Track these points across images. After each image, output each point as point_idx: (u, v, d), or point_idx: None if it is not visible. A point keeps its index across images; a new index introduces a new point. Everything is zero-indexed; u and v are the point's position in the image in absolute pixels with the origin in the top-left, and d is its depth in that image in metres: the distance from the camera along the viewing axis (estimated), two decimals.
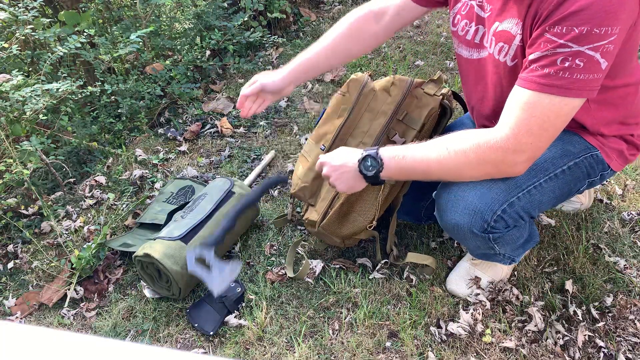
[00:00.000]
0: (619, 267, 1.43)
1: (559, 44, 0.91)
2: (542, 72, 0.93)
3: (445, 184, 1.16)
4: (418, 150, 1.06)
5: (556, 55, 0.91)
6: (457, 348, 1.26)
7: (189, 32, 2.67)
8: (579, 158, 1.14)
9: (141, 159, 2.08)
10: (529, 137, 0.96)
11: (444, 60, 2.67)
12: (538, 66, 0.94)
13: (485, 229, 1.11)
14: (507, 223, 1.12)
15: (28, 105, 1.68)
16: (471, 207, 1.09)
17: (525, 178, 1.09)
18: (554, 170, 1.12)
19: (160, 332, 1.38)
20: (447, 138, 1.04)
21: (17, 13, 1.89)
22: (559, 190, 1.15)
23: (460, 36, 1.20)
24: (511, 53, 1.05)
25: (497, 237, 1.16)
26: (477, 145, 1.00)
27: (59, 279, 1.56)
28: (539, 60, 0.94)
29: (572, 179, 1.16)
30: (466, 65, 1.22)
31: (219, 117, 2.33)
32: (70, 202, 1.90)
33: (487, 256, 1.31)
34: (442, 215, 1.17)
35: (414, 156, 1.06)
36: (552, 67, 0.92)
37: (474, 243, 1.19)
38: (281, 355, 1.28)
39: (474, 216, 1.10)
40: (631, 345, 1.25)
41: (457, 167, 1.03)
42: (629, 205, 1.65)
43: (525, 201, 1.11)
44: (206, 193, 1.59)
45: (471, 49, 1.18)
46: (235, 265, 1.31)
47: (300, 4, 3.35)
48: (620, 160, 1.20)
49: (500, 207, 1.09)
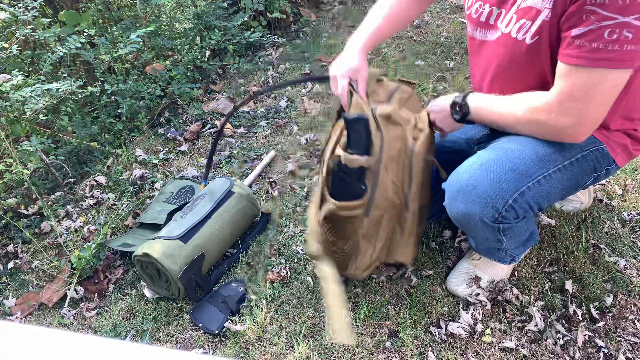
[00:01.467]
0: (619, 267, 1.43)
1: (603, 16, 0.90)
2: (590, 46, 0.93)
3: (456, 172, 1.17)
4: (492, 103, 1.15)
5: (602, 28, 0.91)
6: (457, 348, 1.26)
7: (189, 32, 2.67)
8: (586, 151, 1.15)
9: (141, 159, 2.08)
10: (572, 101, 1.00)
11: (444, 60, 2.67)
12: (585, 41, 0.94)
13: (497, 218, 1.12)
14: (517, 213, 1.12)
15: (28, 105, 1.68)
16: (483, 195, 1.10)
17: (534, 168, 1.10)
18: (562, 162, 1.13)
19: (160, 332, 1.38)
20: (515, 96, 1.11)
21: (17, 13, 1.89)
22: (567, 181, 1.16)
23: (474, 19, 1.21)
24: (532, 30, 1.05)
25: (507, 228, 1.16)
26: (527, 106, 1.07)
27: (59, 279, 1.56)
28: (586, 35, 0.94)
29: (580, 172, 1.17)
30: (479, 47, 1.23)
31: (219, 117, 2.33)
32: (70, 202, 1.90)
33: (490, 252, 1.31)
34: (453, 203, 1.17)
35: (486, 107, 1.15)
36: (601, 41, 0.92)
37: (483, 234, 1.19)
38: (281, 355, 1.28)
39: (486, 205, 1.10)
40: (631, 345, 1.25)
41: (513, 123, 1.12)
42: (629, 205, 1.65)
43: (535, 191, 1.11)
44: (206, 193, 1.59)
45: (485, 30, 1.19)
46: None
47: (300, 4, 3.35)
48: (624, 155, 1.20)
49: (511, 196, 1.09)
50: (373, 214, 1.27)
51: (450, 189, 1.17)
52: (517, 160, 1.10)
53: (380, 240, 1.30)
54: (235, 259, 1.57)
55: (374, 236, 1.29)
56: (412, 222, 1.31)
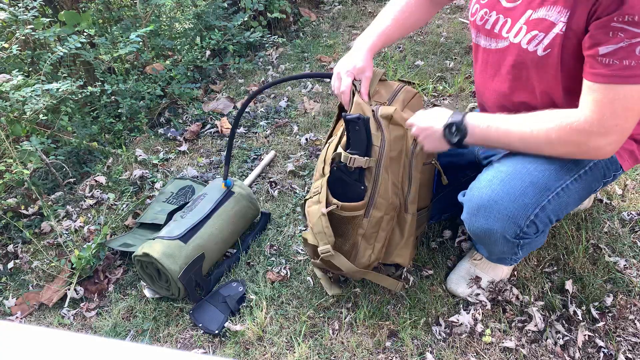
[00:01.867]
0: (619, 267, 1.43)
1: (633, 33, 0.90)
2: (621, 64, 0.92)
3: (475, 187, 1.14)
4: (503, 123, 1.07)
5: (633, 45, 0.91)
6: (457, 348, 1.26)
7: (189, 32, 2.67)
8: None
9: (141, 159, 2.08)
10: (615, 119, 0.97)
11: (444, 60, 2.67)
12: (615, 59, 0.93)
13: (518, 234, 1.11)
14: (537, 228, 1.12)
15: (28, 105, 1.68)
16: (505, 212, 1.08)
17: (553, 180, 1.09)
18: (577, 171, 1.12)
19: (160, 332, 1.38)
20: (532, 115, 1.06)
21: (17, 13, 1.89)
22: (582, 191, 1.15)
23: (478, 25, 1.20)
24: (545, 42, 1.04)
25: (526, 244, 1.16)
26: (560, 126, 1.00)
27: (59, 279, 1.56)
28: (616, 53, 0.93)
29: (593, 180, 1.16)
30: (484, 55, 1.22)
31: (219, 117, 2.33)
32: (70, 202, 1.90)
33: (501, 260, 1.31)
34: (473, 219, 1.15)
35: (498, 128, 1.08)
36: (633, 59, 0.91)
37: (501, 249, 1.18)
38: (281, 355, 1.28)
39: (508, 221, 1.08)
40: (631, 345, 1.25)
41: (538, 144, 1.05)
42: (629, 205, 1.65)
43: (555, 204, 1.10)
44: (206, 193, 1.59)
45: (490, 38, 1.18)
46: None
47: (300, 4, 3.35)
48: (631, 161, 1.20)
49: (533, 211, 1.08)
50: (373, 214, 1.26)
51: (470, 204, 1.15)
52: (537, 173, 1.08)
53: (379, 241, 1.30)
54: (235, 259, 1.57)
55: (373, 237, 1.29)
56: (411, 224, 1.31)
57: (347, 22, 3.23)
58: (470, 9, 1.24)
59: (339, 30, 3.14)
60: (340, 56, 2.78)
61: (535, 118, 1.05)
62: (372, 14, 3.32)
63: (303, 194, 1.82)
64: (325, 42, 2.98)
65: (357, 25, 3.19)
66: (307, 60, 2.79)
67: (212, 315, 1.38)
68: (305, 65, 2.74)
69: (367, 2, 3.51)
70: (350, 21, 3.24)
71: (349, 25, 3.19)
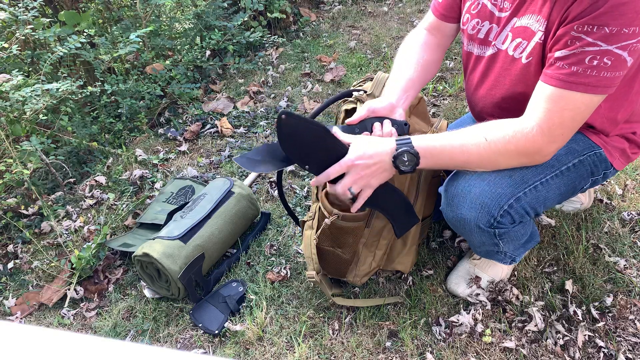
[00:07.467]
0: (619, 267, 1.43)
1: (587, 42, 0.92)
2: (569, 70, 0.95)
3: (452, 178, 1.16)
4: (455, 140, 1.04)
5: (585, 53, 0.93)
6: (457, 348, 1.26)
7: (189, 32, 2.67)
8: (583, 156, 1.15)
9: (141, 159, 2.08)
10: (562, 128, 0.99)
11: (444, 60, 2.67)
12: (566, 64, 0.95)
13: (492, 223, 1.12)
14: (513, 218, 1.13)
15: (28, 105, 1.68)
16: (478, 201, 1.10)
17: (532, 174, 1.10)
18: (559, 167, 1.13)
19: (160, 332, 1.38)
20: (483, 127, 1.04)
21: (17, 13, 1.89)
22: (564, 187, 1.16)
23: (470, 35, 1.21)
24: (527, 50, 1.06)
25: (503, 233, 1.16)
26: (514, 136, 1.00)
27: (59, 279, 1.56)
28: (567, 58, 0.95)
29: (577, 177, 1.17)
30: (475, 62, 1.23)
31: (219, 117, 2.33)
32: (70, 202, 1.90)
33: (489, 254, 1.31)
34: (448, 209, 1.17)
35: (452, 146, 1.04)
36: (581, 65, 0.94)
37: (479, 239, 1.19)
38: (281, 355, 1.28)
39: (481, 210, 1.10)
40: (631, 345, 1.25)
41: (495, 156, 1.03)
42: (629, 205, 1.65)
43: (532, 197, 1.11)
44: (206, 193, 1.59)
45: (484, 46, 1.19)
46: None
47: (300, 4, 3.35)
48: (622, 159, 1.21)
49: (507, 201, 1.09)
50: (374, 225, 1.27)
51: (446, 194, 1.17)
52: (515, 168, 1.09)
53: (380, 248, 1.31)
54: (235, 259, 1.57)
55: (375, 245, 1.30)
56: (414, 234, 1.32)
57: (347, 22, 3.23)
58: (462, 17, 1.24)
59: (339, 30, 3.14)
60: (340, 56, 2.78)
61: (490, 128, 1.03)
62: (372, 14, 3.32)
63: (303, 194, 1.82)
64: (325, 42, 2.98)
65: (357, 25, 3.19)
66: (307, 60, 2.79)
67: (212, 315, 1.38)
68: (306, 66, 2.74)
69: (367, 2, 3.51)
70: (350, 21, 3.24)
71: (349, 25, 3.19)
